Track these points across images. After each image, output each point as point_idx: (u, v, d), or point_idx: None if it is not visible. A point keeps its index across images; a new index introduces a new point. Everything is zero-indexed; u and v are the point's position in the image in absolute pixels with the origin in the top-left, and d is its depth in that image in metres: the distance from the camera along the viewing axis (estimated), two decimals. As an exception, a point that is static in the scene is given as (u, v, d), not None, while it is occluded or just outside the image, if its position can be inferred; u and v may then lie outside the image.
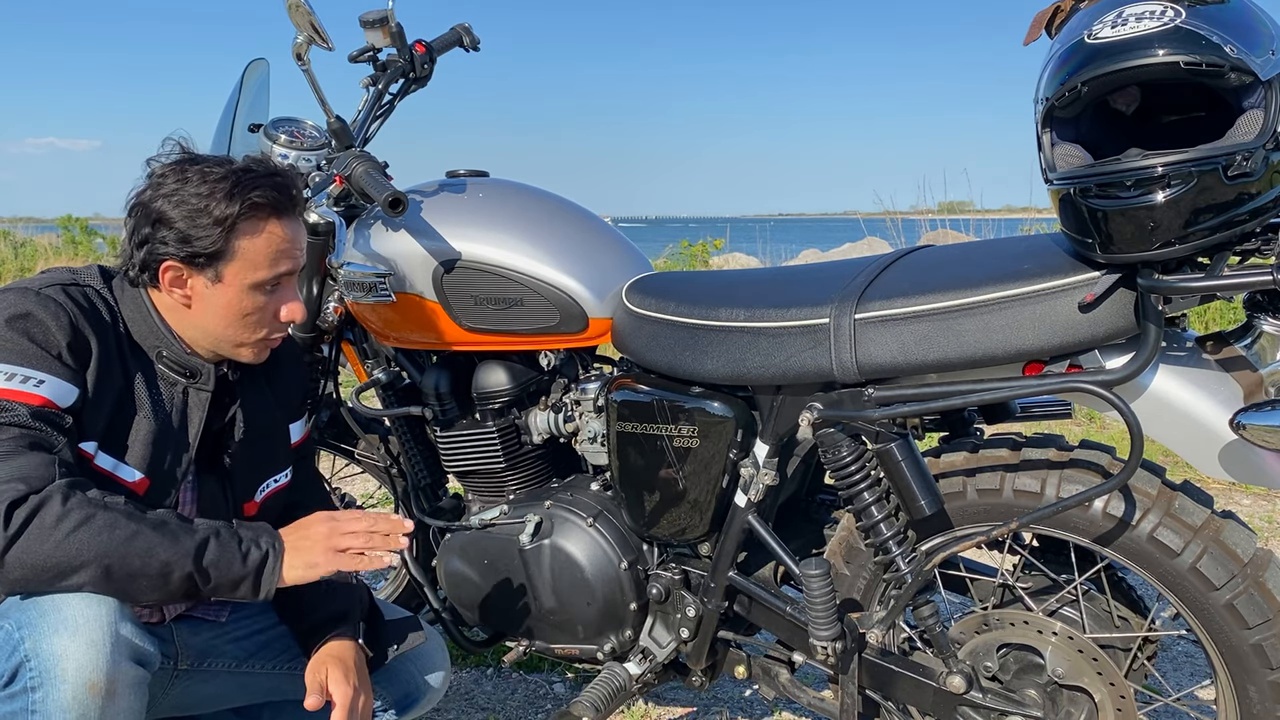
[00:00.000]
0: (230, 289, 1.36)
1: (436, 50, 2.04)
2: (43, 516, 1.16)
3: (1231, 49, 1.07)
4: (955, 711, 1.47)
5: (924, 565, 1.42)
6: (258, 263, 1.36)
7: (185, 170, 1.34)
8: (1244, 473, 1.25)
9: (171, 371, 1.39)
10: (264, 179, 1.36)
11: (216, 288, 1.36)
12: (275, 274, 1.38)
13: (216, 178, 1.33)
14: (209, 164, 1.36)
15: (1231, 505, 3.26)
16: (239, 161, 1.39)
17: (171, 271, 1.35)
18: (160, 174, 1.35)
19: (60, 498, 1.17)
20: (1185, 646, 2.33)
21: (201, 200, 1.32)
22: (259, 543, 1.30)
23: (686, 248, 8.64)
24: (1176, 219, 1.13)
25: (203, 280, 1.36)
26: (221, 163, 1.37)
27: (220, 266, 1.35)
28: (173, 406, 1.39)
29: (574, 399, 1.82)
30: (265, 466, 1.53)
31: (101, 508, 1.20)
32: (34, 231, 13.87)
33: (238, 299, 1.37)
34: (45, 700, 1.14)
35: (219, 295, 1.37)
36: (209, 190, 1.32)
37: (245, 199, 1.33)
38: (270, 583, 1.29)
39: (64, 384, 1.25)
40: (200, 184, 1.33)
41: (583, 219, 1.87)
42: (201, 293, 1.37)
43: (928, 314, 1.35)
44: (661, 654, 1.72)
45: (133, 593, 1.22)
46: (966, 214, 7.92)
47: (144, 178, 1.37)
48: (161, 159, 1.38)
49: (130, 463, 1.33)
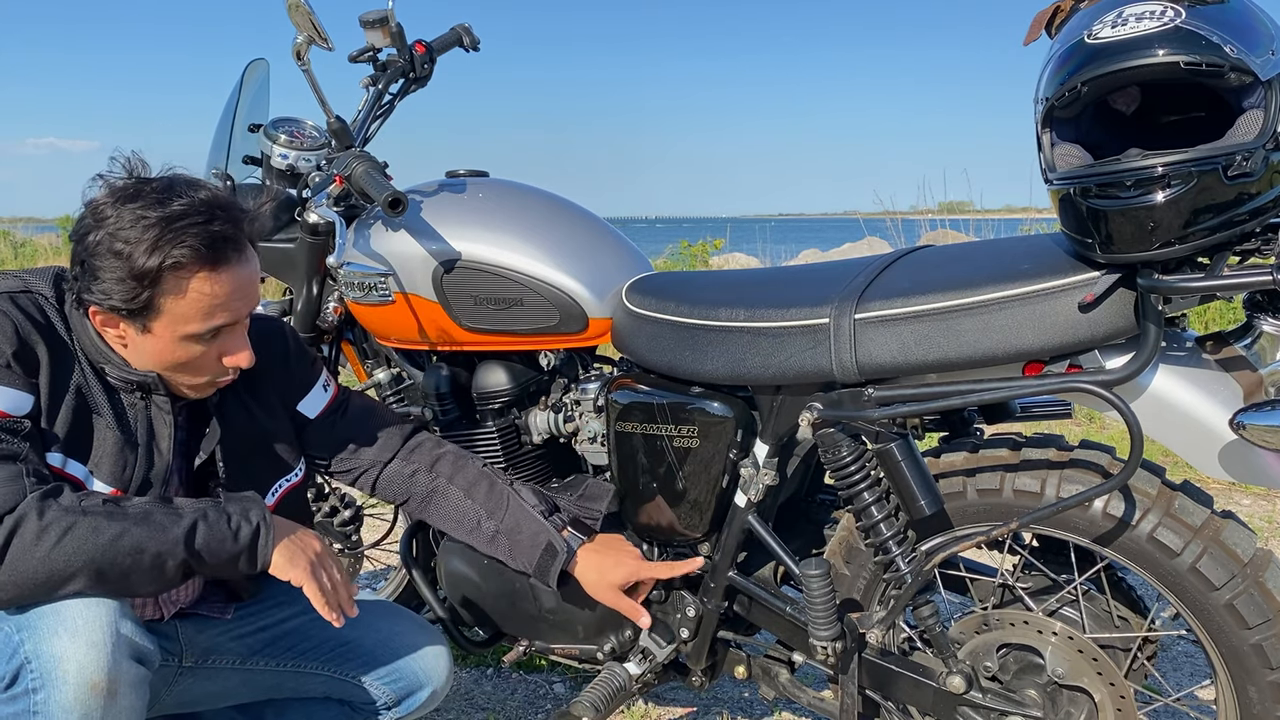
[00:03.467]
0: (161, 340, 1.28)
1: (436, 50, 2.04)
2: (22, 535, 1.15)
3: (1231, 49, 1.07)
4: (955, 711, 1.47)
5: (924, 565, 1.42)
6: (187, 318, 1.26)
7: (121, 206, 1.23)
8: (1244, 473, 1.25)
9: (122, 385, 1.34)
10: (196, 228, 1.23)
11: (147, 337, 1.28)
12: (209, 327, 1.28)
13: (145, 224, 1.21)
14: (145, 202, 1.23)
15: (1231, 505, 3.26)
16: (180, 200, 1.24)
17: (100, 316, 1.27)
18: (99, 204, 1.25)
19: (35, 513, 1.16)
20: (1185, 646, 2.33)
21: (127, 247, 1.21)
22: (249, 516, 1.29)
23: (686, 248, 8.64)
24: (1176, 219, 1.13)
25: (133, 328, 1.28)
26: (158, 202, 1.23)
27: (147, 320, 1.26)
28: (136, 415, 1.35)
29: (574, 399, 1.82)
30: (269, 472, 1.51)
31: (81, 514, 1.18)
32: (34, 231, 13.88)
33: (170, 349, 1.29)
34: (47, 701, 1.14)
35: (150, 344, 1.29)
36: (136, 236, 1.21)
37: (168, 254, 1.21)
38: (266, 554, 1.30)
39: (16, 392, 1.22)
40: (131, 227, 1.21)
41: (583, 219, 1.87)
42: (134, 338, 1.29)
43: (928, 314, 1.35)
44: (661, 654, 1.72)
45: (129, 589, 1.22)
46: (966, 214, 7.92)
47: (83, 205, 1.27)
48: (108, 179, 1.28)
49: (98, 476, 1.30)
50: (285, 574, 1.32)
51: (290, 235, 2.03)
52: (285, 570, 1.32)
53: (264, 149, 2.07)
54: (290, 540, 1.34)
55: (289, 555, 1.32)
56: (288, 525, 1.37)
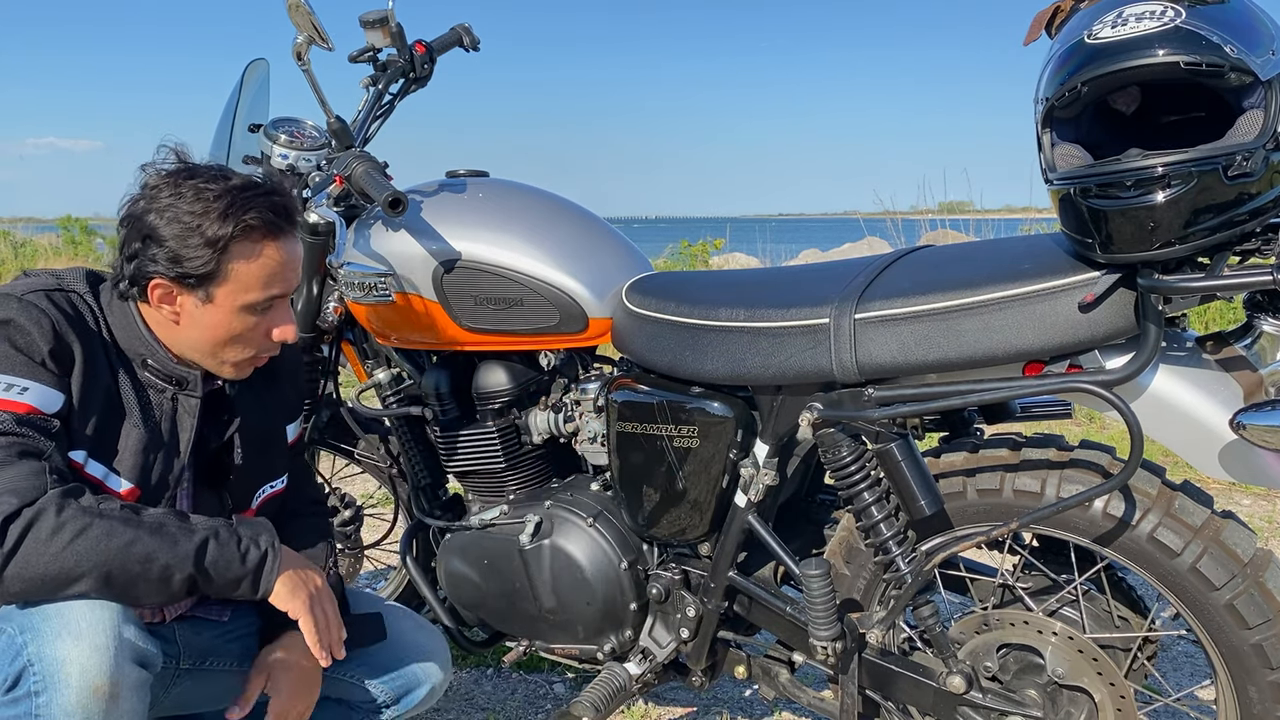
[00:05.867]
0: (221, 310, 1.33)
1: (436, 50, 2.04)
2: (38, 530, 1.15)
3: (1231, 49, 1.07)
4: (955, 711, 1.47)
5: (924, 565, 1.42)
6: (250, 285, 1.32)
7: (180, 184, 1.30)
8: (1244, 473, 1.25)
9: (158, 379, 1.37)
10: (261, 198, 1.31)
11: (207, 308, 1.33)
12: (268, 296, 1.34)
13: (212, 195, 1.28)
14: (205, 178, 1.30)
15: (1231, 505, 3.26)
16: (236, 177, 1.33)
17: (160, 289, 1.31)
18: (154, 185, 1.31)
19: (54, 509, 1.16)
20: (1185, 646, 2.33)
21: (195, 219, 1.27)
22: (258, 541, 1.31)
23: (686, 248, 8.65)
24: (1176, 219, 1.13)
25: (193, 300, 1.32)
26: (217, 177, 1.31)
27: (211, 288, 1.31)
28: (162, 414, 1.37)
29: (574, 399, 1.82)
30: (263, 474, 1.53)
31: (97, 516, 1.19)
32: (34, 231, 13.88)
33: (228, 320, 1.34)
34: (50, 704, 1.14)
35: (209, 315, 1.33)
36: (203, 209, 1.27)
37: (240, 220, 1.28)
38: (270, 581, 1.31)
39: (49, 390, 1.24)
40: (195, 201, 1.28)
41: (583, 219, 1.87)
42: (191, 311, 1.33)
43: (928, 314, 1.35)
44: (661, 654, 1.72)
45: (134, 597, 1.22)
46: (966, 214, 7.92)
47: (137, 186, 1.32)
48: (156, 167, 1.33)
49: (120, 471, 1.32)
50: (285, 605, 1.34)
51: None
52: (286, 601, 1.33)
53: (264, 149, 2.07)
54: (295, 572, 1.35)
55: (291, 587, 1.34)
56: (294, 557, 1.39)
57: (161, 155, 1.34)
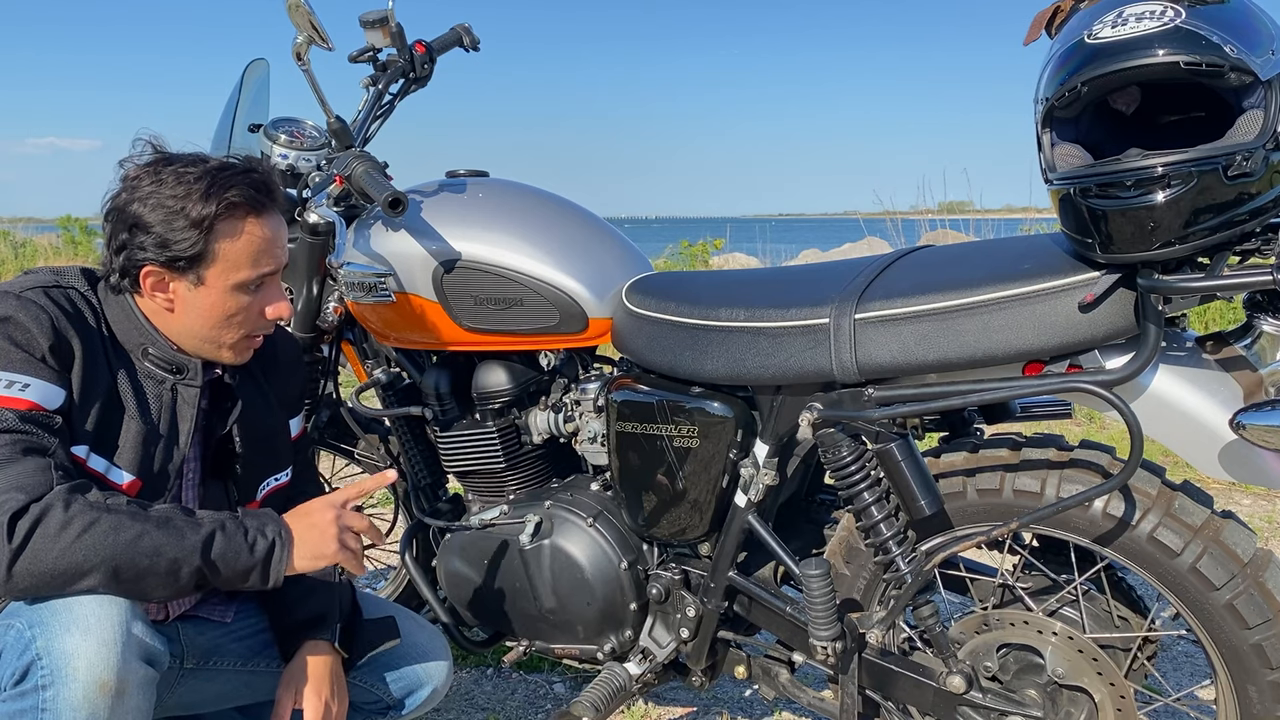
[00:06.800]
0: (214, 291, 1.34)
1: (436, 50, 2.04)
2: (46, 525, 1.16)
3: (1231, 49, 1.07)
4: (955, 711, 1.47)
5: (924, 565, 1.42)
6: (240, 263, 1.34)
7: (159, 171, 1.31)
8: (1244, 473, 1.25)
9: (158, 369, 1.37)
10: (239, 176, 1.33)
11: (199, 291, 1.34)
12: (258, 274, 1.36)
13: (192, 178, 1.30)
14: (183, 163, 1.33)
15: (1231, 505, 3.26)
16: (213, 160, 1.35)
17: (152, 276, 1.33)
18: (134, 176, 1.32)
19: (62, 505, 1.17)
20: (1185, 646, 2.33)
21: (178, 202, 1.29)
22: (265, 531, 1.30)
23: (686, 248, 8.65)
24: (1176, 219, 1.13)
25: (185, 284, 1.33)
26: (195, 161, 1.33)
27: (201, 270, 1.33)
28: (161, 406, 1.38)
29: (574, 399, 1.82)
30: (267, 466, 1.54)
31: (105, 510, 1.19)
32: (34, 231, 13.86)
33: (221, 301, 1.35)
34: (56, 698, 1.14)
35: (202, 298, 1.34)
36: (184, 191, 1.29)
37: (221, 198, 1.30)
38: (279, 571, 1.30)
39: (50, 386, 1.24)
40: (176, 185, 1.30)
41: (583, 219, 1.87)
42: (184, 296, 1.34)
43: (928, 314, 1.35)
44: (661, 654, 1.72)
45: (142, 591, 1.22)
46: (966, 214, 7.93)
47: (117, 180, 1.34)
48: (134, 160, 1.35)
49: (121, 465, 1.32)
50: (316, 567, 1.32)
51: (290, 235, 2.03)
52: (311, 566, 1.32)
53: (264, 149, 2.07)
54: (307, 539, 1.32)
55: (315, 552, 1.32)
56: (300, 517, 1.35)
57: (138, 148, 1.36)
